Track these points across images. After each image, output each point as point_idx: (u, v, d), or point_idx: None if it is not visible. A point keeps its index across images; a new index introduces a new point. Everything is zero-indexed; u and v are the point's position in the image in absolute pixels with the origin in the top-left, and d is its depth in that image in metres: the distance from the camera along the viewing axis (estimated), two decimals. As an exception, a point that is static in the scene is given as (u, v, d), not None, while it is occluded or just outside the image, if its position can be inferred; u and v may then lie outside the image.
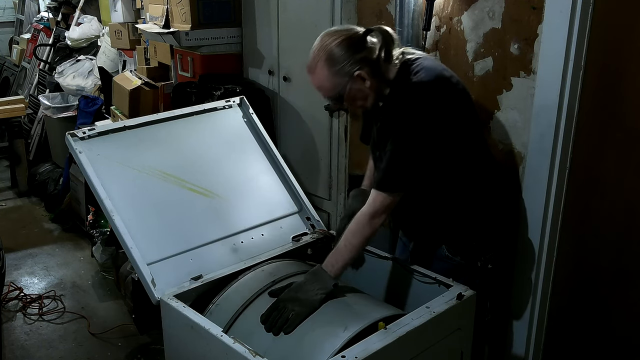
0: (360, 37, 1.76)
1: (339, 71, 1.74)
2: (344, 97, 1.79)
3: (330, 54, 1.73)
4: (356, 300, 1.88)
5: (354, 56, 1.73)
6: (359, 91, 1.78)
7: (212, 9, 3.32)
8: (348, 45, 1.73)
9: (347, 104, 1.83)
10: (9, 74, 6.98)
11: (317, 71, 1.78)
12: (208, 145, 2.37)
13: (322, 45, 1.76)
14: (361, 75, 1.74)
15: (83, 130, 2.16)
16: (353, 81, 1.75)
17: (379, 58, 1.77)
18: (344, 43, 1.73)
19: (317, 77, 1.79)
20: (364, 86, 1.77)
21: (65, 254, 4.10)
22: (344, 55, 1.73)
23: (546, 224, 2.04)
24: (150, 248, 2.01)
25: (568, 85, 1.90)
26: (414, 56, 1.84)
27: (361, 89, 1.78)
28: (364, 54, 1.75)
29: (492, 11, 2.06)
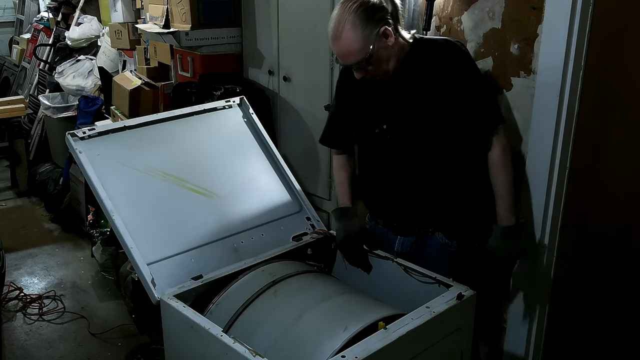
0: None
1: (365, 30, 1.76)
2: (372, 58, 1.79)
3: (355, 16, 1.76)
4: (356, 300, 1.88)
5: (376, 15, 1.78)
6: (385, 50, 1.81)
7: (212, 9, 3.32)
8: (368, 7, 1.77)
9: (374, 67, 1.83)
10: (9, 74, 6.98)
11: (343, 35, 1.78)
12: (208, 145, 2.37)
13: (343, 10, 1.78)
14: (386, 32, 1.78)
15: (83, 130, 2.16)
16: (379, 39, 1.78)
17: (394, 18, 1.82)
18: (364, 5, 1.77)
19: (345, 41, 1.79)
20: (389, 44, 1.80)
21: (65, 254, 4.10)
22: (368, 15, 1.76)
23: (546, 223, 2.04)
24: (150, 248, 2.01)
25: (568, 85, 1.90)
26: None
27: (387, 48, 1.81)
28: (382, 13, 1.79)
29: (492, 11, 2.06)
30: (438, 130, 1.88)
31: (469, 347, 1.89)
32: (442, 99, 1.85)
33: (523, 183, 2.08)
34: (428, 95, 1.86)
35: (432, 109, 1.86)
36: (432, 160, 1.91)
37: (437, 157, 1.91)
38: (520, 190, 2.03)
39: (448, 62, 1.85)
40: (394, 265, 2.03)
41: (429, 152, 1.91)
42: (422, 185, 1.94)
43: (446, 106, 1.85)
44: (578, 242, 2.06)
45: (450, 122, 1.87)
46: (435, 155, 1.91)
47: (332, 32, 1.80)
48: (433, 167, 1.92)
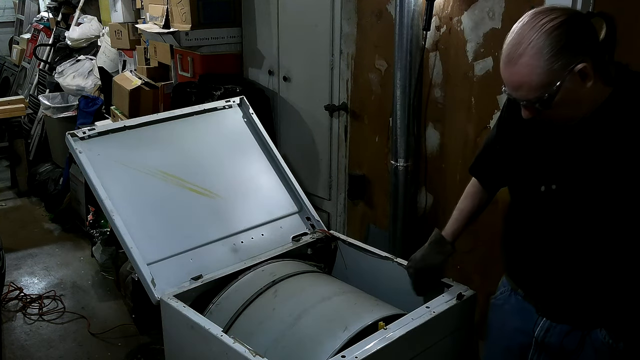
0: (584, 19, 1.32)
1: (555, 62, 1.28)
2: (554, 99, 1.31)
3: (547, 39, 1.27)
4: (356, 300, 1.88)
5: (578, 45, 1.29)
6: (576, 93, 1.31)
7: (212, 9, 3.32)
8: (570, 30, 1.28)
9: (553, 111, 1.34)
10: (9, 74, 6.98)
11: (521, 61, 1.31)
12: (208, 145, 2.37)
13: (532, 26, 1.30)
14: (585, 71, 1.29)
15: (83, 130, 2.16)
16: (572, 78, 1.29)
17: (601, 51, 1.33)
18: (565, 26, 1.28)
19: (521, 70, 1.31)
20: (583, 87, 1.31)
21: (65, 254, 4.10)
22: (566, 42, 1.27)
23: (546, 224, 2.03)
24: (150, 248, 2.01)
25: (568, 85, 1.89)
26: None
27: (577, 91, 1.31)
28: (589, 42, 1.30)
29: (492, 11, 2.06)
30: (627, 204, 1.35)
31: (469, 347, 1.89)
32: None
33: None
34: (627, 158, 1.33)
35: (627, 177, 1.33)
36: (612, 238, 1.40)
37: (618, 236, 1.39)
38: None
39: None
40: (394, 265, 2.03)
41: (609, 228, 1.39)
42: (592, 265, 1.43)
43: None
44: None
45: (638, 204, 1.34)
46: (616, 234, 1.39)
47: (508, 53, 1.34)
48: (611, 246, 1.40)
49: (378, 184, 2.71)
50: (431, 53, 2.34)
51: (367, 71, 2.66)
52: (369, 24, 2.60)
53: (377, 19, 2.55)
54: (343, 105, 2.80)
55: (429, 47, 2.33)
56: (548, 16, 1.29)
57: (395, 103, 2.37)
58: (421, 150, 2.45)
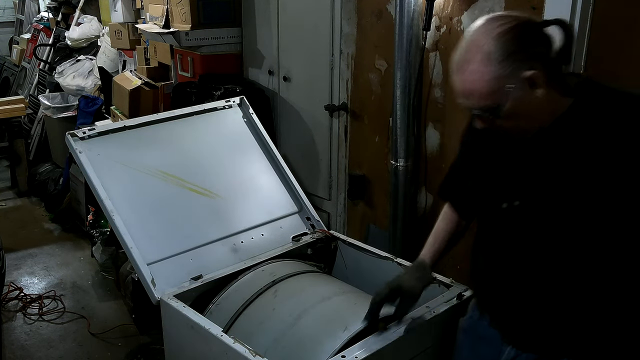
0: (537, 26, 1.26)
1: (503, 68, 1.22)
2: (503, 109, 1.26)
3: (496, 43, 1.22)
4: (356, 300, 1.88)
5: (529, 50, 1.23)
6: (525, 102, 1.25)
7: (212, 9, 3.32)
8: (519, 34, 1.23)
9: (504, 121, 1.29)
10: (9, 74, 6.98)
11: (470, 68, 1.25)
12: (208, 145, 2.37)
13: (483, 31, 1.25)
14: (533, 78, 1.23)
15: (83, 130, 2.16)
16: (522, 86, 1.24)
17: (557, 60, 1.27)
18: (515, 31, 1.23)
19: (469, 77, 1.26)
20: (533, 96, 1.25)
21: (65, 254, 4.10)
22: (516, 47, 1.22)
23: (546, 224, 2.03)
24: (150, 248, 2.01)
25: (568, 85, 1.89)
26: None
27: (528, 101, 1.25)
28: (540, 49, 1.24)
29: (492, 11, 2.06)
30: (595, 224, 1.27)
31: (469, 347, 1.89)
32: (612, 184, 1.24)
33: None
34: (588, 172, 1.26)
35: (593, 194, 1.26)
36: (577, 258, 1.31)
37: (584, 255, 1.31)
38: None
39: (634, 132, 1.22)
40: (394, 265, 2.03)
41: (574, 246, 1.31)
42: (558, 287, 1.35)
43: (615, 195, 1.24)
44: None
45: (617, 218, 1.26)
46: (582, 253, 1.31)
47: (457, 60, 1.29)
48: (576, 267, 1.32)
49: (378, 184, 2.71)
50: (431, 53, 2.34)
51: (367, 71, 2.66)
52: (369, 24, 2.60)
53: (377, 19, 2.55)
54: (343, 105, 2.80)
55: (429, 47, 2.33)
56: (499, 22, 1.25)
57: (395, 103, 2.37)
58: (421, 150, 2.45)
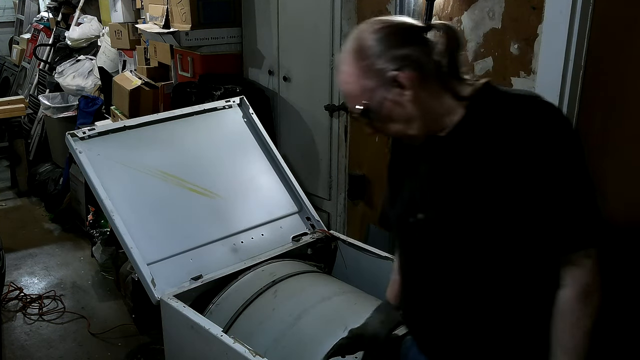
0: (412, 28, 1.21)
1: (366, 68, 1.19)
2: (376, 112, 1.21)
3: (362, 44, 1.19)
4: (356, 300, 1.88)
5: (394, 50, 1.17)
6: (399, 106, 1.20)
7: (212, 9, 3.32)
8: (389, 34, 1.18)
9: (383, 125, 1.25)
10: (9, 74, 6.98)
11: (343, 69, 1.23)
12: (208, 145, 2.37)
13: (354, 34, 1.23)
14: (398, 79, 1.17)
15: (83, 130, 2.16)
16: (387, 87, 1.18)
17: (438, 65, 1.20)
18: (385, 31, 1.19)
19: (342, 78, 1.24)
20: (404, 98, 1.19)
21: (65, 254, 4.10)
22: (379, 45, 1.18)
23: (546, 224, 2.04)
24: (150, 248, 2.01)
25: (568, 85, 1.90)
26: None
27: (402, 103, 1.19)
28: (411, 50, 1.18)
29: (492, 11, 2.06)
30: (493, 235, 1.20)
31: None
32: (507, 191, 1.17)
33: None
34: (488, 181, 1.18)
35: (489, 203, 1.18)
36: (478, 276, 1.24)
37: (486, 273, 1.23)
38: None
39: (528, 133, 1.15)
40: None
41: (476, 263, 1.23)
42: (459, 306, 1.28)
43: (511, 202, 1.17)
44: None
45: (514, 227, 1.19)
46: (484, 271, 1.23)
47: (337, 62, 1.28)
48: (477, 285, 1.25)
49: (378, 184, 2.71)
50: (431, 53, 2.33)
51: (367, 71, 2.65)
52: (369, 24, 2.60)
53: (377, 19, 2.55)
54: (343, 105, 2.80)
55: (429, 47, 2.33)
56: (374, 24, 1.21)
57: (395, 103, 2.37)
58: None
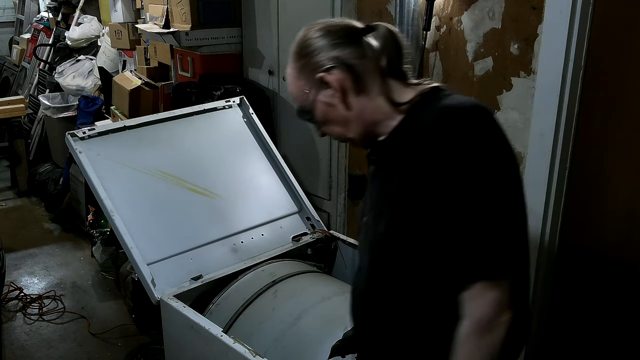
0: (348, 30, 1.20)
1: (304, 67, 1.22)
2: (310, 112, 1.23)
3: (301, 44, 1.24)
4: (356, 300, 1.88)
5: (326, 51, 1.19)
6: (330, 107, 1.20)
7: (212, 9, 3.32)
8: (323, 36, 1.20)
9: (324, 127, 1.25)
10: (9, 74, 6.98)
11: (288, 66, 1.29)
12: (208, 145, 2.37)
13: (299, 34, 1.28)
14: (325, 79, 1.18)
15: (83, 130, 2.16)
16: (317, 86, 1.20)
17: (374, 68, 1.18)
18: (320, 32, 1.21)
19: (286, 76, 1.30)
20: (335, 100, 1.19)
21: (65, 254, 4.10)
22: (313, 46, 1.20)
23: (546, 223, 2.04)
24: (150, 248, 2.01)
25: (568, 85, 1.90)
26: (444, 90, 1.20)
27: (334, 105, 1.19)
28: (342, 52, 1.17)
29: (492, 11, 2.06)
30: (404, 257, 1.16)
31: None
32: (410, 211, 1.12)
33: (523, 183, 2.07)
34: (396, 198, 1.14)
35: (398, 218, 1.14)
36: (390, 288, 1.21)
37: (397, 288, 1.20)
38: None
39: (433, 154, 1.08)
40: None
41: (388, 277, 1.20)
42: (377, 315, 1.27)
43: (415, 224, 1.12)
44: (579, 243, 2.06)
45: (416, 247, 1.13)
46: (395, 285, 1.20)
47: None
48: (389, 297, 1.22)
49: (378, 184, 2.71)
50: (431, 53, 2.33)
51: (367, 71, 2.66)
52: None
53: (377, 19, 2.55)
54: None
55: (429, 47, 2.33)
56: (315, 25, 1.24)
57: (395, 103, 2.37)
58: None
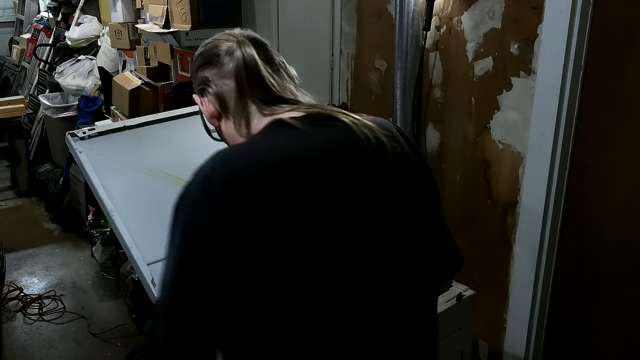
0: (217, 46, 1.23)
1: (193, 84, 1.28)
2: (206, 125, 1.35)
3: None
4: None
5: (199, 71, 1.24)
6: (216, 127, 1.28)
7: (212, 9, 3.32)
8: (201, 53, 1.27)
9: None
10: (9, 74, 6.98)
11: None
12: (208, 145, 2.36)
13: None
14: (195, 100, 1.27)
15: (83, 130, 2.16)
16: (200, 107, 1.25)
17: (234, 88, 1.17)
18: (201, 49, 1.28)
19: None
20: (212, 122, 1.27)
21: (65, 254, 4.10)
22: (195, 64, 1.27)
23: (546, 223, 2.04)
24: (150, 248, 2.01)
25: (568, 85, 1.90)
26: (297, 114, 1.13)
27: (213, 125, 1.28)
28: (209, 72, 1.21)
29: (492, 11, 2.06)
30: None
31: (469, 347, 1.89)
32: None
33: (523, 183, 2.08)
34: None
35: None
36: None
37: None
38: None
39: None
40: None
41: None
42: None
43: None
44: (579, 242, 2.06)
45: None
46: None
47: None
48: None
49: (378, 184, 2.71)
50: (431, 53, 2.34)
51: (367, 71, 2.66)
52: (369, 24, 2.60)
53: (377, 19, 2.55)
54: (343, 105, 2.80)
55: (429, 47, 2.33)
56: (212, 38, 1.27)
57: (395, 103, 2.37)
58: (421, 150, 2.45)
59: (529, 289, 2.14)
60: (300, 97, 1.19)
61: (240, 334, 1.04)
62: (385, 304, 1.09)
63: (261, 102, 1.15)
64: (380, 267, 1.09)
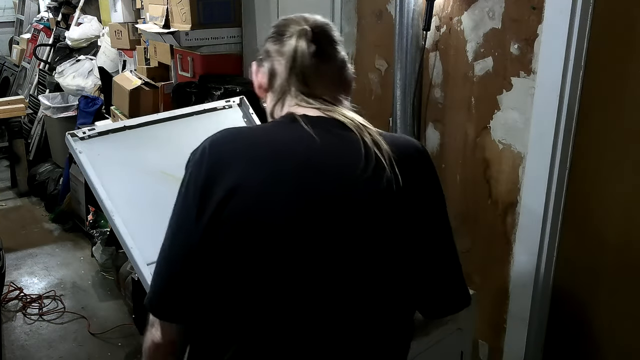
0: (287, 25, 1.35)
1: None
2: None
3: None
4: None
5: (267, 42, 1.33)
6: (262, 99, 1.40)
7: (212, 9, 3.32)
8: (275, 26, 1.37)
9: None
10: (9, 74, 6.98)
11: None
12: (208, 145, 2.37)
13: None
14: (251, 67, 1.36)
15: (83, 130, 2.16)
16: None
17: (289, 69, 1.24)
18: (277, 22, 1.37)
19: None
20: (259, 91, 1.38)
21: (65, 254, 4.10)
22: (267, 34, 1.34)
23: (546, 224, 2.04)
24: (150, 248, 2.00)
25: (568, 85, 1.90)
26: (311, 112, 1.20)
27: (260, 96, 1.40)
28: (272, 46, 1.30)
29: (492, 11, 2.06)
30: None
31: (469, 347, 1.89)
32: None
33: (523, 183, 2.08)
34: None
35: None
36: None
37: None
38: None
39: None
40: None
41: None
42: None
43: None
44: (579, 243, 2.06)
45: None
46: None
47: None
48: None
49: (378, 184, 2.71)
50: (431, 53, 2.34)
51: (367, 71, 2.66)
52: (369, 24, 2.60)
53: (377, 19, 2.55)
54: (343, 105, 2.80)
55: (429, 47, 2.33)
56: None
57: (395, 103, 2.37)
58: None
59: (529, 289, 2.14)
60: (341, 100, 1.26)
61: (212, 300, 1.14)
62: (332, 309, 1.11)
63: (298, 92, 1.22)
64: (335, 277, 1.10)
